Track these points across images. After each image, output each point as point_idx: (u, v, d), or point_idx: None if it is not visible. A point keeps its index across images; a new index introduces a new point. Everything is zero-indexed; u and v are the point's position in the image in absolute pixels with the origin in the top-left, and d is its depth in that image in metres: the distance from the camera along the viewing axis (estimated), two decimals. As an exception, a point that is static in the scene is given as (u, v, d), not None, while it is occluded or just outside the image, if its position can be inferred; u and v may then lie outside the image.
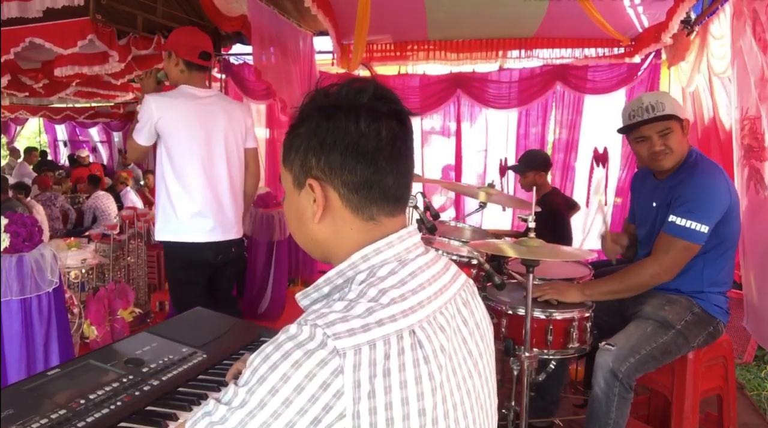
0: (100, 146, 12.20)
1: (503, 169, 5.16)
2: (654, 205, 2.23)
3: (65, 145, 12.62)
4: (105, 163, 10.29)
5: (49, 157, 11.28)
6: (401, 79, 5.43)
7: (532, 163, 3.66)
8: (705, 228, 1.99)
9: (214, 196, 2.52)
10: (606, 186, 5.04)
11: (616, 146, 5.06)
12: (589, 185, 5.13)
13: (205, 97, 2.53)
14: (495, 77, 5.29)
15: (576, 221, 5.10)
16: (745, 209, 2.66)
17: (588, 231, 5.30)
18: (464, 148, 5.61)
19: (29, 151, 9.68)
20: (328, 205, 0.81)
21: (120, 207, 6.63)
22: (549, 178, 3.89)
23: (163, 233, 2.53)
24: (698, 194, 2.02)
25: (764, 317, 2.61)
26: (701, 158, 2.16)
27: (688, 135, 2.16)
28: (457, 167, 5.65)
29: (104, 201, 6.52)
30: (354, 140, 0.78)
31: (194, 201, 2.47)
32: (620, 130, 2.26)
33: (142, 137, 2.46)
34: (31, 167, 9.24)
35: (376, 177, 0.80)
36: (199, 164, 2.48)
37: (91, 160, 10.85)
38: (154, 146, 2.53)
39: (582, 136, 5.27)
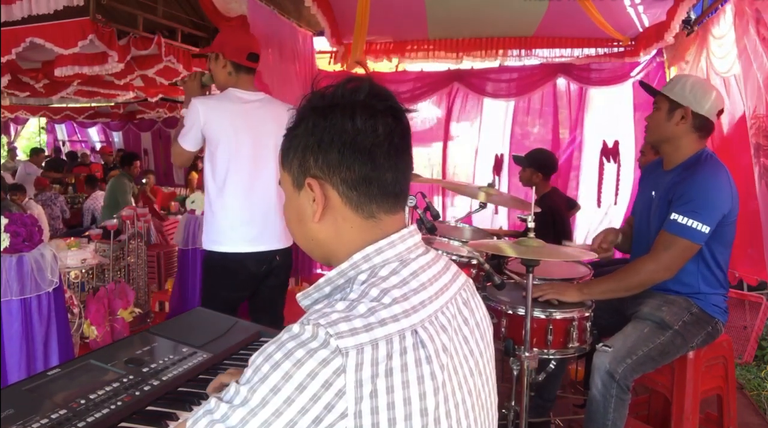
0: (99, 146, 12.20)
1: (499, 164, 5.14)
2: (653, 193, 2.22)
3: (62, 145, 12.62)
4: (104, 162, 10.29)
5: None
6: (396, 75, 5.39)
7: (533, 162, 3.67)
8: (707, 229, 1.98)
9: (259, 204, 2.39)
10: (618, 182, 4.92)
11: (629, 140, 4.89)
12: (600, 182, 5.02)
13: (253, 100, 2.42)
14: (494, 72, 5.24)
15: (585, 220, 5.04)
16: (761, 207, 2.64)
17: (595, 231, 5.23)
18: (459, 145, 5.56)
19: (36, 151, 9.69)
20: (328, 203, 0.82)
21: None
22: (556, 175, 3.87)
23: (206, 243, 2.43)
24: (703, 193, 2.00)
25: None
26: (710, 158, 2.13)
27: (686, 126, 2.10)
28: (443, 164, 5.58)
29: (102, 202, 6.53)
30: (351, 137, 0.78)
31: (236, 210, 2.36)
32: (645, 87, 2.33)
33: (188, 142, 2.36)
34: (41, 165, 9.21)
35: (375, 173, 0.80)
36: (245, 171, 2.37)
37: (91, 159, 10.87)
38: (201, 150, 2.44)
39: (588, 133, 5.17)
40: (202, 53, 3.38)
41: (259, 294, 2.55)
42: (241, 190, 2.36)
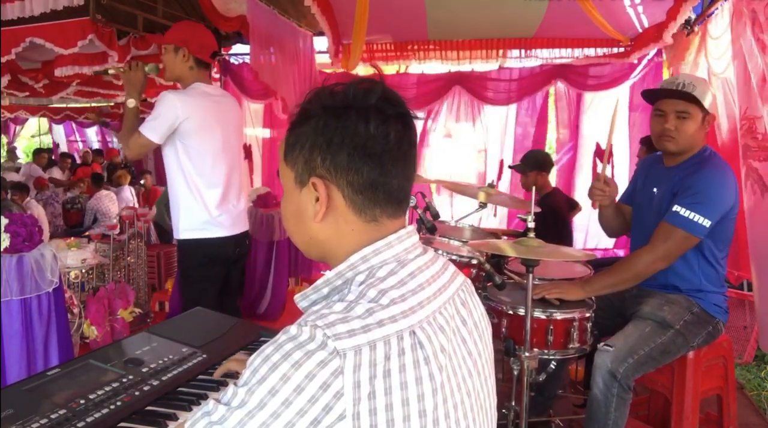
0: (97, 146, 12.19)
1: (502, 169, 5.16)
2: (654, 190, 2.22)
3: (58, 146, 12.61)
4: (111, 163, 10.30)
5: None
6: (399, 78, 5.41)
7: (534, 164, 3.67)
8: (708, 223, 1.98)
9: (234, 190, 2.59)
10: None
11: (623, 142, 4.96)
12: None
13: (216, 94, 2.58)
14: (494, 76, 5.28)
15: (579, 222, 5.06)
16: (746, 209, 2.66)
17: (587, 231, 5.26)
18: (460, 148, 5.58)
19: (38, 152, 9.71)
20: (331, 204, 0.81)
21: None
22: (553, 177, 3.88)
23: (187, 231, 2.49)
24: (707, 188, 2.01)
25: (761, 317, 2.61)
26: (714, 155, 2.14)
27: (706, 132, 2.11)
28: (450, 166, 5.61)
29: (106, 202, 6.53)
30: (363, 141, 0.78)
31: (220, 196, 2.51)
32: (644, 95, 2.21)
33: (157, 134, 2.36)
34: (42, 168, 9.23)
35: (382, 178, 0.79)
36: (222, 160, 2.52)
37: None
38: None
39: (584, 134, 5.21)
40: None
41: (227, 279, 2.68)
42: (222, 178, 2.52)
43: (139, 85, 2.51)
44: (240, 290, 2.89)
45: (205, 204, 2.48)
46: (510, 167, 4.28)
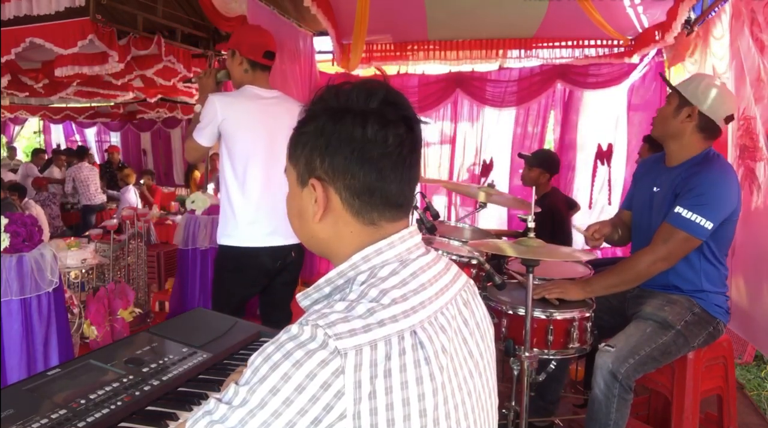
0: (94, 147, 12.18)
1: (486, 170, 5.19)
2: (654, 189, 2.22)
3: (59, 146, 12.60)
4: (100, 162, 10.32)
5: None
6: (400, 79, 5.43)
7: (541, 161, 3.67)
8: (710, 225, 1.98)
9: (275, 199, 2.41)
10: (610, 184, 4.99)
11: (621, 143, 4.99)
12: (593, 184, 5.08)
13: (269, 97, 2.46)
14: (494, 76, 5.29)
15: (579, 222, 5.08)
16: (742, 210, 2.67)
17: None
18: (460, 149, 5.59)
19: (37, 152, 9.71)
20: (330, 206, 0.81)
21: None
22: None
23: (222, 237, 2.43)
24: (710, 190, 2.01)
25: (756, 319, 2.62)
26: (718, 156, 2.14)
27: (687, 125, 2.10)
28: (451, 168, 5.64)
29: (86, 172, 6.47)
30: (359, 145, 0.78)
31: (252, 204, 2.38)
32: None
33: (204, 137, 2.36)
34: (39, 169, 9.23)
35: (379, 184, 0.79)
36: (261, 166, 2.38)
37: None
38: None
39: (584, 135, 5.23)
40: (204, 54, 3.41)
41: (272, 290, 2.57)
42: (259, 185, 2.39)
43: (209, 90, 2.48)
44: (285, 306, 2.64)
45: (237, 211, 2.38)
46: (519, 155, 4.28)
